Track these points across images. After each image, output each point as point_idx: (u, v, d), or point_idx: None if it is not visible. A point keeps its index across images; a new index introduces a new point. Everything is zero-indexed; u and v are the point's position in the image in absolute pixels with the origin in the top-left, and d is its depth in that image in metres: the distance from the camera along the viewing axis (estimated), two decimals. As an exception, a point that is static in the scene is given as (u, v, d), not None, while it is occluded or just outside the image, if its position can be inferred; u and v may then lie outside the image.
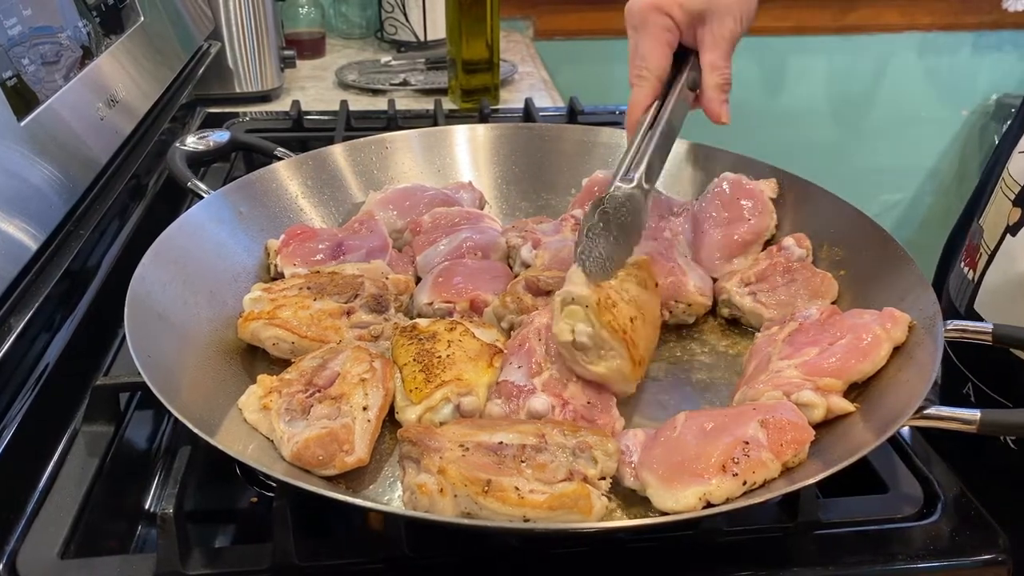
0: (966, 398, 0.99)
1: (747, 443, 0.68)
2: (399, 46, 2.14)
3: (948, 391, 1.01)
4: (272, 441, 0.73)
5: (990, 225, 0.98)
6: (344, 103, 1.55)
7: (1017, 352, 0.92)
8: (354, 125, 1.51)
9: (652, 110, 0.89)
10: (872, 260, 0.92)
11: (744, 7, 0.89)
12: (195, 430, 0.65)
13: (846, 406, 0.75)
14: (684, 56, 0.92)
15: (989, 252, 0.97)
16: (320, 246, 0.97)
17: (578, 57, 2.56)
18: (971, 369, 0.98)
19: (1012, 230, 0.94)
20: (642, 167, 0.84)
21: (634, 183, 0.82)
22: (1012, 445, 0.94)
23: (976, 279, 0.99)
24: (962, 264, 1.03)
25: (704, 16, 0.88)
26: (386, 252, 0.99)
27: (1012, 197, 0.95)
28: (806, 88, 2.73)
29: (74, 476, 0.73)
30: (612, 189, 0.82)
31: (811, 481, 0.64)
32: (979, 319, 0.97)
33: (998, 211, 0.97)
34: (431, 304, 0.91)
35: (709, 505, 0.65)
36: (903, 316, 0.80)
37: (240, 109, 1.69)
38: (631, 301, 0.79)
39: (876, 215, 0.97)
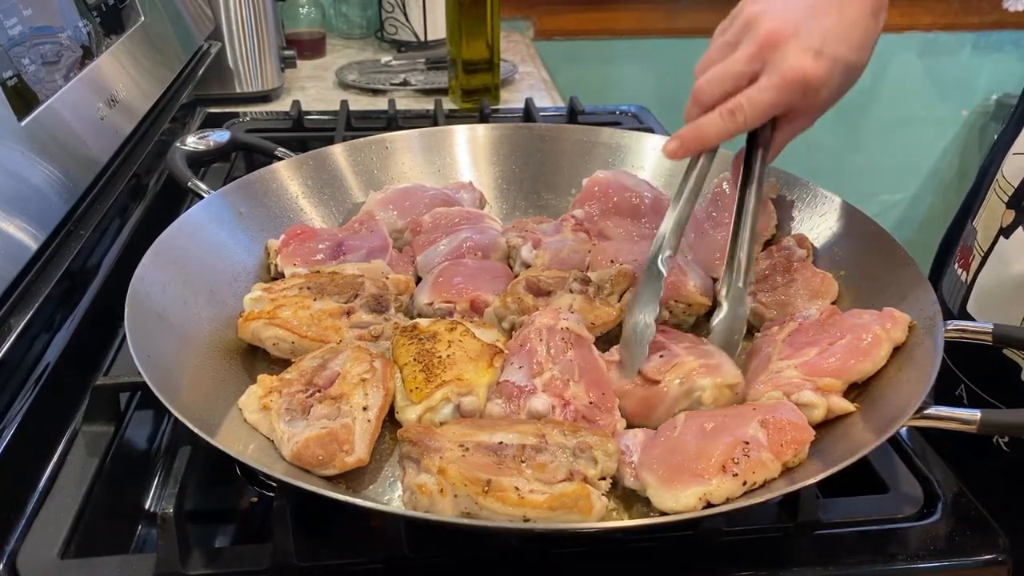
0: (959, 400, 0.99)
1: (747, 443, 0.68)
2: (399, 46, 2.14)
3: (940, 392, 1.01)
4: (272, 441, 0.73)
5: (983, 227, 0.98)
6: (344, 103, 1.55)
7: (1009, 354, 0.92)
8: (354, 125, 1.51)
9: (705, 160, 0.85)
10: (872, 260, 0.92)
11: (822, 113, 0.85)
12: (195, 430, 0.65)
13: (846, 406, 0.75)
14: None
15: (982, 254, 0.97)
16: (320, 246, 0.97)
17: (578, 57, 2.56)
18: (964, 371, 0.98)
19: (1005, 232, 0.94)
20: (743, 270, 0.86)
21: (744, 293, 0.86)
22: (1005, 448, 0.94)
23: (969, 280, 0.99)
24: (955, 265, 1.03)
25: (811, 108, 0.83)
26: (386, 252, 0.99)
27: (1006, 199, 0.95)
28: (806, 88, 2.72)
29: (74, 476, 0.73)
30: (731, 308, 0.85)
31: (811, 481, 0.64)
32: (971, 320, 0.97)
33: (991, 213, 0.97)
34: (431, 304, 0.91)
35: (709, 505, 0.65)
36: (903, 316, 0.80)
37: (240, 109, 1.69)
38: None
39: (876, 215, 0.97)
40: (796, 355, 0.79)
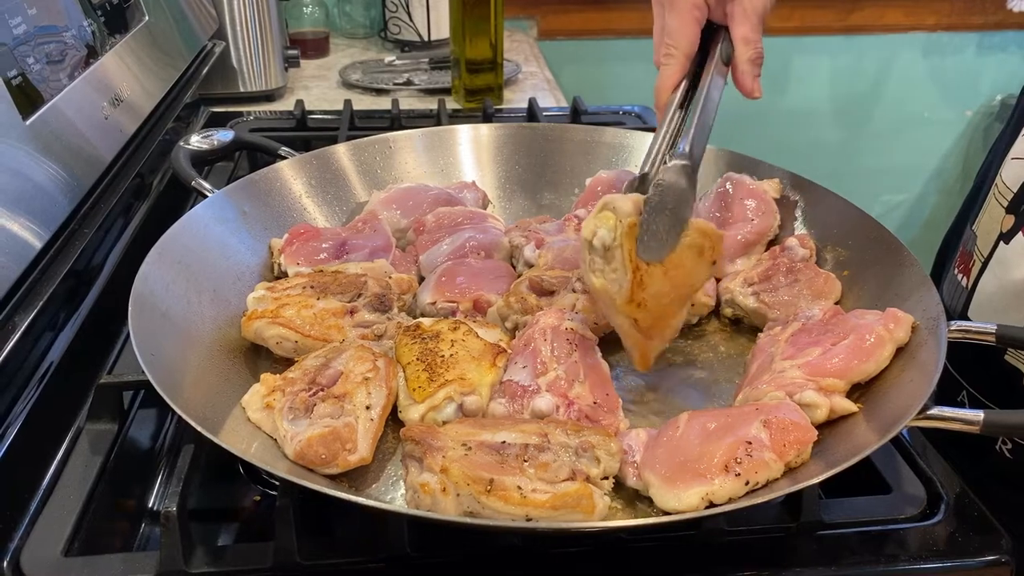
0: (960, 405, 0.99)
1: (750, 443, 0.68)
2: (403, 46, 2.14)
3: (942, 398, 1.01)
4: (275, 440, 0.73)
5: (983, 231, 0.98)
6: (348, 103, 1.55)
7: (1011, 360, 0.91)
8: (358, 125, 1.52)
9: (681, 89, 0.87)
10: (875, 260, 0.92)
11: None
12: (198, 428, 0.66)
13: (849, 406, 0.75)
14: (709, 33, 0.89)
15: (983, 259, 0.96)
16: (323, 245, 0.97)
17: (582, 57, 2.56)
18: (965, 376, 0.98)
19: (1005, 237, 0.94)
20: (688, 142, 0.81)
21: (683, 160, 0.80)
22: (1007, 454, 0.94)
23: (970, 286, 0.98)
24: (955, 270, 1.03)
25: None
26: (389, 251, 0.99)
27: (1005, 204, 0.94)
28: (810, 88, 2.72)
29: (78, 474, 0.74)
30: (668, 163, 0.80)
31: (814, 481, 0.64)
32: None
33: (991, 217, 0.97)
34: (434, 303, 0.91)
35: (711, 505, 0.65)
36: (906, 317, 0.80)
37: (244, 108, 1.69)
38: (675, 267, 0.78)
39: (879, 215, 0.97)
40: (799, 355, 0.79)
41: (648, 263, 0.76)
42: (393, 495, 0.72)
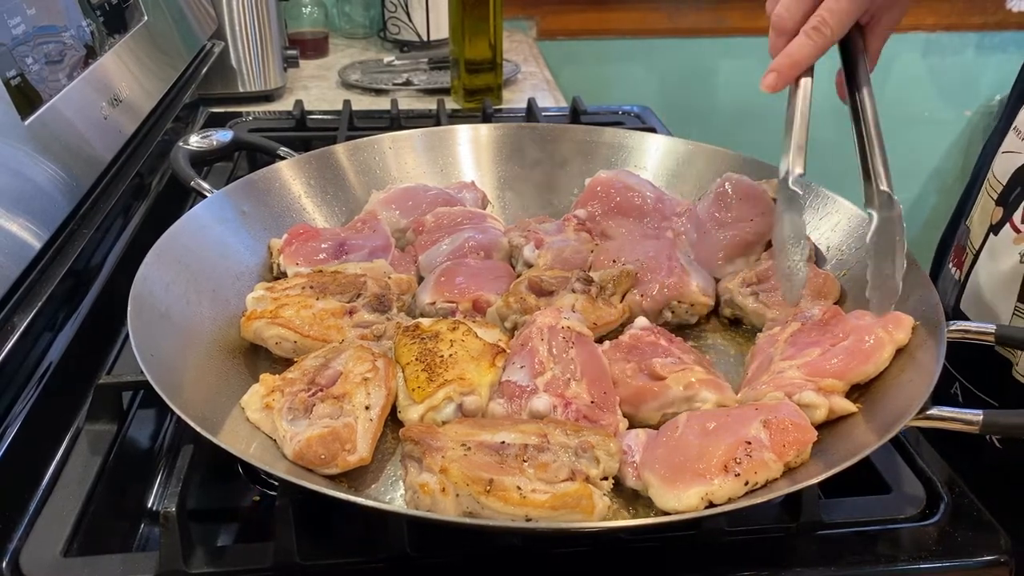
0: (954, 397, 1.00)
1: (749, 443, 0.68)
2: (402, 46, 2.14)
3: (936, 390, 1.01)
4: (274, 440, 0.73)
5: (976, 225, 0.99)
6: (347, 103, 1.55)
7: (1002, 351, 0.92)
8: (357, 125, 1.51)
9: (806, 82, 0.84)
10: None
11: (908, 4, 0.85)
12: (198, 429, 0.66)
13: (848, 407, 0.75)
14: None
15: (974, 251, 0.97)
16: (323, 245, 0.97)
17: (581, 57, 2.56)
18: (959, 368, 0.99)
19: (995, 229, 0.94)
20: (883, 177, 0.83)
21: (891, 200, 0.81)
22: (998, 444, 0.94)
23: (962, 278, 0.99)
24: (950, 264, 1.04)
25: (893, 2, 0.84)
26: (389, 252, 0.99)
27: (995, 196, 0.95)
28: (809, 88, 2.73)
29: (77, 475, 0.73)
30: (881, 214, 0.80)
31: (813, 481, 0.64)
32: (964, 318, 0.97)
33: (983, 211, 0.97)
34: (433, 304, 0.91)
35: (711, 505, 0.65)
36: (906, 318, 0.80)
37: (243, 109, 1.69)
38: None
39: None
40: (798, 355, 0.79)
41: None
42: (392, 495, 0.72)
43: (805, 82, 0.85)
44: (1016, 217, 0.91)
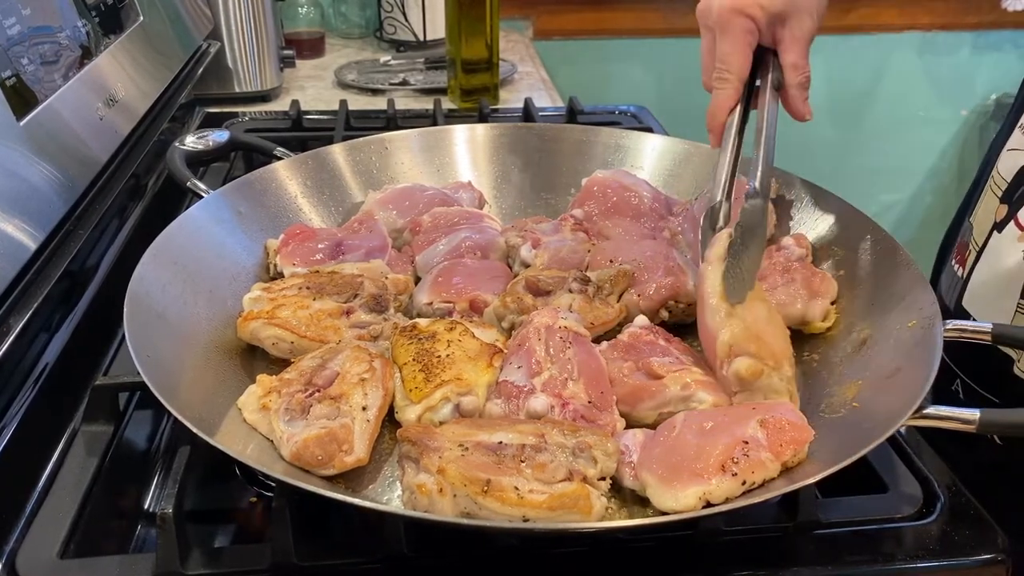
0: (955, 394, 1.00)
1: (746, 443, 0.68)
2: (398, 46, 2.14)
3: (936, 388, 1.02)
4: (271, 441, 0.73)
5: (979, 222, 0.99)
6: (343, 103, 1.55)
7: (1005, 349, 0.92)
8: (353, 125, 1.51)
9: (737, 113, 0.89)
10: (871, 260, 0.92)
11: (819, 5, 0.88)
12: (194, 430, 0.65)
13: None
14: (756, 55, 0.90)
15: (977, 249, 0.98)
16: (319, 246, 0.97)
17: (577, 57, 2.56)
18: (960, 366, 0.99)
19: (999, 227, 0.95)
20: (758, 179, 0.85)
21: (757, 199, 0.84)
22: (998, 440, 0.94)
23: (965, 276, 0.99)
24: (953, 262, 1.04)
25: (784, 16, 0.87)
26: (385, 252, 0.99)
27: (999, 194, 0.95)
28: (805, 88, 2.73)
29: (73, 476, 0.73)
30: (745, 204, 0.83)
31: (810, 481, 0.64)
32: (967, 316, 0.97)
33: (987, 208, 0.98)
34: (431, 304, 0.91)
35: (708, 505, 0.65)
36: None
37: (239, 109, 1.69)
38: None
39: (875, 214, 0.97)
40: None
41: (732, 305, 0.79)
42: (390, 496, 0.72)
43: (731, 120, 0.89)
44: (1021, 215, 0.92)
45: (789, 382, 0.77)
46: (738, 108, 0.89)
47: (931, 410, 0.69)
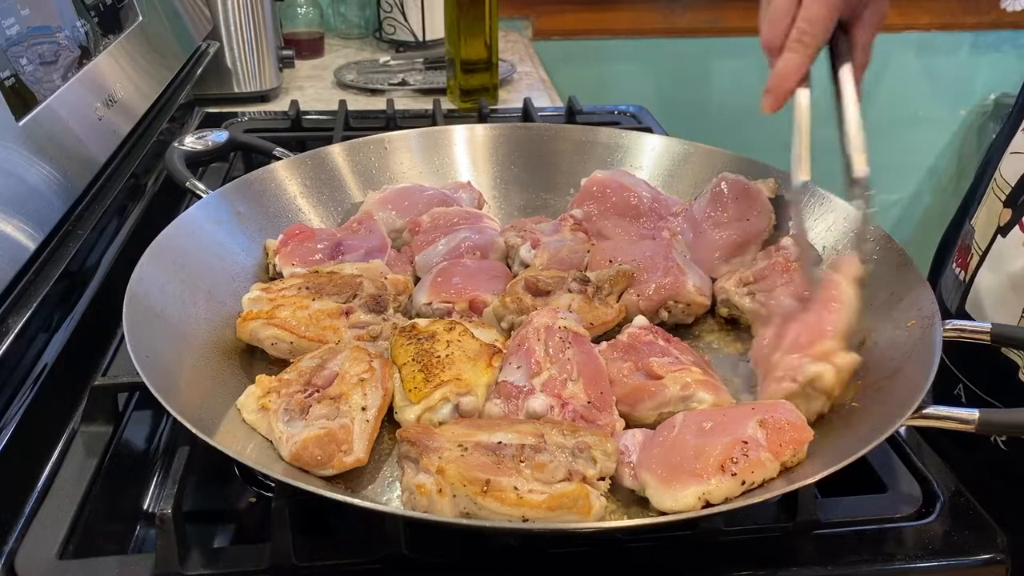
0: (957, 399, 0.99)
1: (746, 443, 0.68)
2: (398, 46, 2.14)
3: (939, 392, 1.01)
4: (271, 441, 0.73)
5: (981, 225, 0.98)
6: (343, 103, 1.55)
7: (1008, 353, 0.92)
8: (353, 125, 1.51)
9: (806, 85, 0.84)
10: (871, 260, 0.92)
11: None
12: (194, 430, 0.65)
13: (853, 359, 0.76)
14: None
15: (980, 253, 0.97)
16: (319, 246, 0.97)
17: (576, 57, 2.56)
18: (963, 370, 0.99)
19: (1003, 231, 0.94)
20: (862, 156, 0.80)
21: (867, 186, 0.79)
22: (1002, 445, 0.94)
23: (967, 279, 0.99)
24: (954, 264, 1.04)
25: None
26: (385, 252, 0.99)
27: (1003, 198, 0.95)
28: (804, 88, 2.73)
29: (72, 476, 0.73)
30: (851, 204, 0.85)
31: (810, 481, 0.64)
32: (969, 319, 0.97)
33: (989, 212, 0.97)
34: (430, 304, 0.91)
35: (708, 505, 0.65)
36: (849, 257, 0.83)
37: (239, 109, 1.69)
38: None
39: (874, 214, 0.97)
40: (783, 342, 0.80)
41: None
42: (389, 496, 0.72)
43: (802, 93, 0.85)
44: None
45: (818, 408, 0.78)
46: (807, 82, 0.84)
47: (930, 410, 0.69)
